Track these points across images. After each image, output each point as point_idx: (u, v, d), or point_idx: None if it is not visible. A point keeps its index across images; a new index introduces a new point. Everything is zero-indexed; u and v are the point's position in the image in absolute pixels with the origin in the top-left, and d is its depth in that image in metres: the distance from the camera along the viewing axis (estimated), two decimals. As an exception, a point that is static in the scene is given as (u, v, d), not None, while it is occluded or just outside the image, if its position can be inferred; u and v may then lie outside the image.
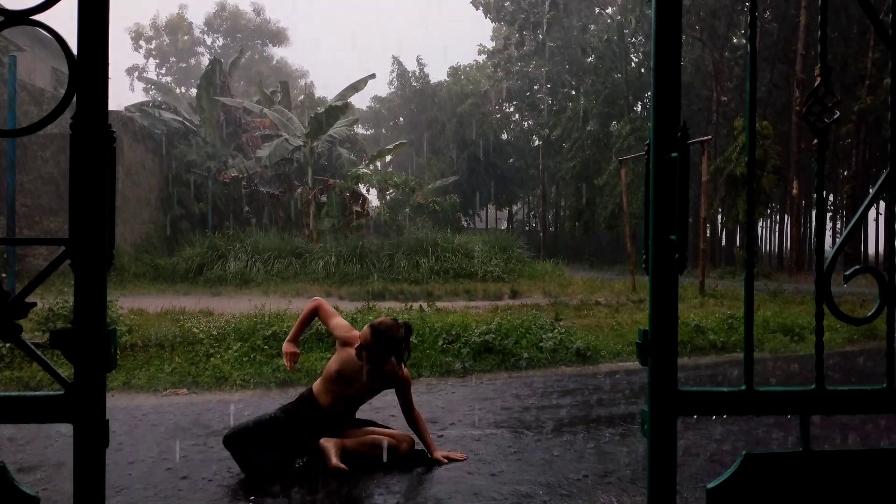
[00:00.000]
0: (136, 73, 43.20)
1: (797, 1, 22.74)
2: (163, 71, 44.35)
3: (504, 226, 40.87)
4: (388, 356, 3.34)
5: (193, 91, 33.59)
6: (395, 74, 39.31)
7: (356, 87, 20.27)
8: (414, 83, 38.18)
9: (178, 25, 43.79)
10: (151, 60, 44.46)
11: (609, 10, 32.94)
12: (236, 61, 25.44)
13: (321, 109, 18.63)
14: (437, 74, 58.12)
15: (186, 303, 9.01)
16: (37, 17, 1.31)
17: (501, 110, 39.89)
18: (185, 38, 44.19)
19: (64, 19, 1.41)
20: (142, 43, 43.57)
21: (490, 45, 39.93)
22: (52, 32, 1.34)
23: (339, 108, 18.54)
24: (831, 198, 31.16)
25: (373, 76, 20.91)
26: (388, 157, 31.02)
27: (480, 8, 35.21)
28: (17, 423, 1.32)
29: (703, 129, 25.37)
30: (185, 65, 44.61)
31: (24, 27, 1.33)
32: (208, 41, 45.24)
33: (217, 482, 3.12)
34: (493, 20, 36.07)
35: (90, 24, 1.30)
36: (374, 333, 3.28)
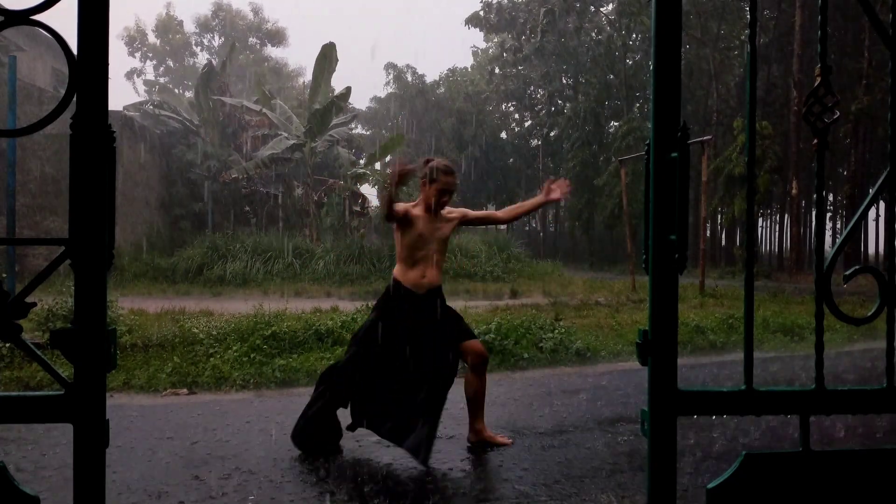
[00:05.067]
0: (135, 75, 43.03)
1: (793, 0, 22.78)
2: (160, 71, 44.18)
3: (504, 226, 40.85)
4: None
5: (188, 93, 33.49)
6: (391, 77, 39.30)
7: (343, 97, 19.31)
8: (410, 79, 38.18)
9: (168, 25, 43.54)
10: (148, 63, 44.31)
11: (606, 10, 32.93)
12: (230, 58, 25.31)
13: (319, 105, 18.42)
14: (435, 74, 58.06)
15: (186, 303, 9.01)
16: (37, 17, 1.31)
17: (500, 110, 39.90)
18: (178, 36, 43.98)
19: (64, 19, 1.41)
20: (137, 45, 43.32)
21: (465, 62, 39.74)
22: (52, 32, 1.34)
23: (338, 100, 18.27)
24: (831, 198, 31.19)
25: (333, 44, 18.88)
26: (388, 157, 30.97)
27: (474, 27, 35.22)
28: (17, 423, 1.32)
29: (702, 129, 25.38)
30: (179, 65, 44.42)
31: (24, 27, 1.33)
32: (205, 41, 45.10)
33: (217, 482, 3.12)
34: (487, 32, 36.09)
35: (90, 24, 1.30)
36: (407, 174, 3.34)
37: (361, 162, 21.96)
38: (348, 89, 19.05)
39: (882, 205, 19.28)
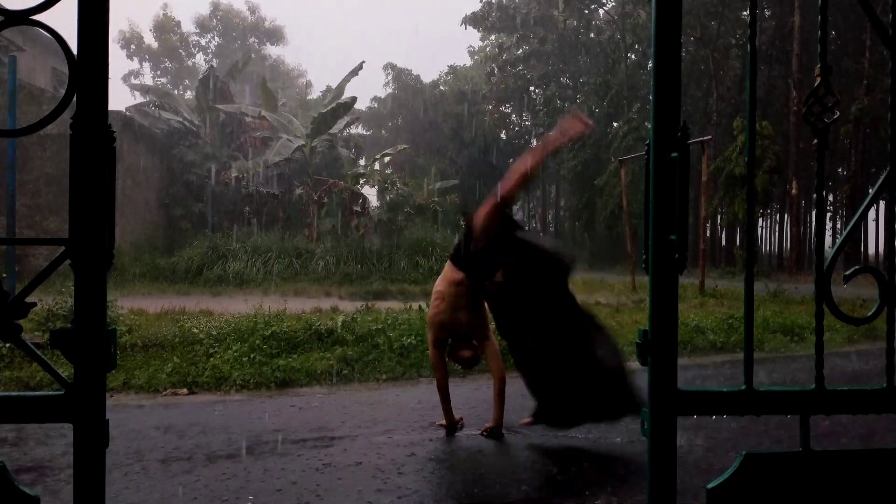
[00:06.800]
0: (132, 78, 42.86)
1: (792, 1, 22.79)
2: (158, 73, 44.06)
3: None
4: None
5: (188, 93, 33.39)
6: (391, 77, 39.32)
7: (354, 73, 19.65)
8: (410, 82, 38.22)
9: (165, 25, 43.45)
10: (146, 64, 44.17)
11: (606, 8, 32.91)
12: (238, 66, 25.25)
13: (325, 108, 18.39)
14: (434, 74, 58.08)
15: (186, 303, 9.00)
16: (37, 17, 1.31)
17: (499, 110, 39.90)
18: (175, 37, 43.90)
19: (64, 19, 1.41)
20: (133, 47, 43.20)
21: (464, 61, 39.74)
22: (52, 32, 1.34)
23: (344, 106, 18.29)
24: (831, 198, 31.19)
25: (362, 64, 20.06)
26: (388, 158, 30.98)
27: (470, 26, 35.23)
28: (17, 423, 1.32)
29: (702, 129, 25.37)
30: (177, 65, 44.32)
31: (24, 27, 1.33)
32: (203, 42, 45.02)
33: (218, 482, 3.12)
34: (485, 32, 36.05)
35: (90, 24, 1.30)
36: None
37: (361, 162, 21.95)
38: (353, 98, 19.12)
39: (882, 205, 19.29)
